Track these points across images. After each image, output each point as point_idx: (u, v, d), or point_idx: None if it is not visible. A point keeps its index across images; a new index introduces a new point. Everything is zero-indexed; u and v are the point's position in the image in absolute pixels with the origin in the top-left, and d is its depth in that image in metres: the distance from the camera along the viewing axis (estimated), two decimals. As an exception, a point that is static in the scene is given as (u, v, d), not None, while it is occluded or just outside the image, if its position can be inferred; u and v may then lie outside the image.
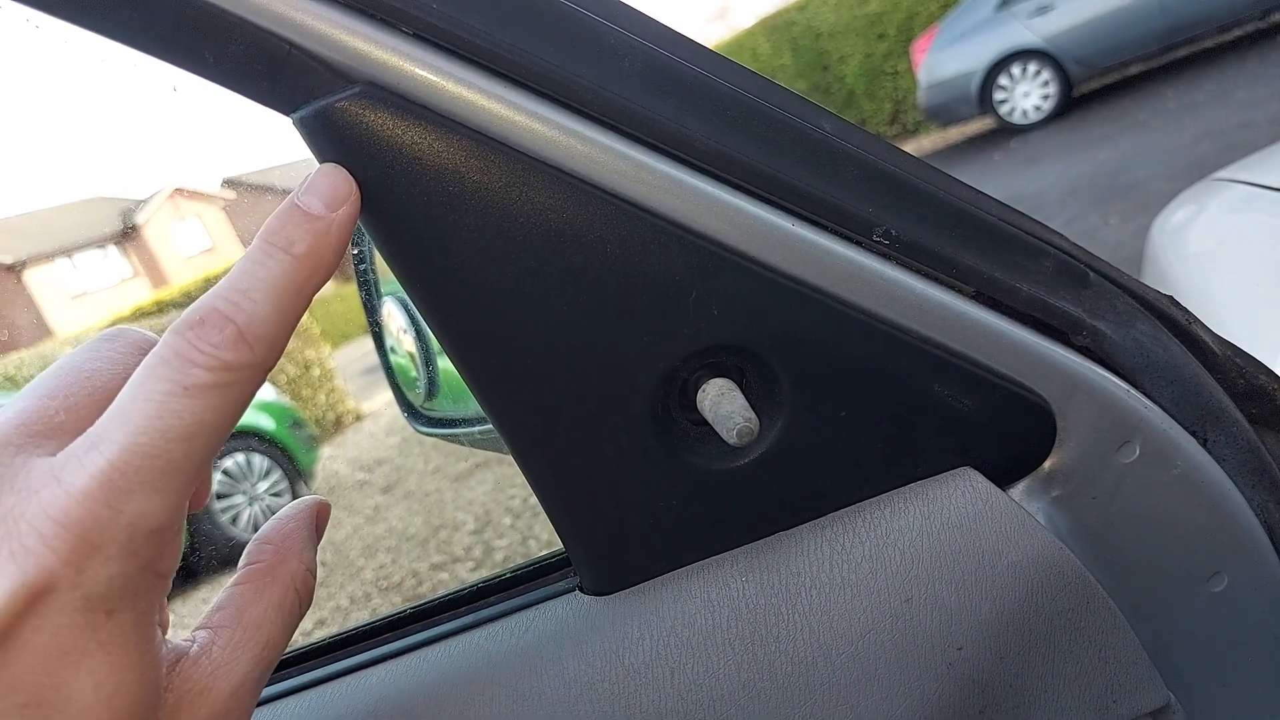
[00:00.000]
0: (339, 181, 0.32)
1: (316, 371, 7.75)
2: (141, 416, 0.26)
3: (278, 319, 0.29)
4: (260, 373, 0.29)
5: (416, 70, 0.34)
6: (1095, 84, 8.28)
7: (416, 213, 0.35)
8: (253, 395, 0.29)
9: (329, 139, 0.34)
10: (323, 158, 0.34)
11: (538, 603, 0.43)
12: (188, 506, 0.29)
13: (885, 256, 0.39)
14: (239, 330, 0.28)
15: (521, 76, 0.35)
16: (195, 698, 0.28)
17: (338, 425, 7.89)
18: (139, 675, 0.27)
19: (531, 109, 0.35)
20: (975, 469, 0.42)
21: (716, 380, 0.38)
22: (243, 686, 0.29)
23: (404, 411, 0.79)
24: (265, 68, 0.33)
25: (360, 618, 3.58)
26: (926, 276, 0.39)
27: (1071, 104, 8.00)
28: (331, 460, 6.71)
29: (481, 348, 0.37)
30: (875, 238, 0.38)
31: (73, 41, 0.34)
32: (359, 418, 8.09)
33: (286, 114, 0.34)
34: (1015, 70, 7.95)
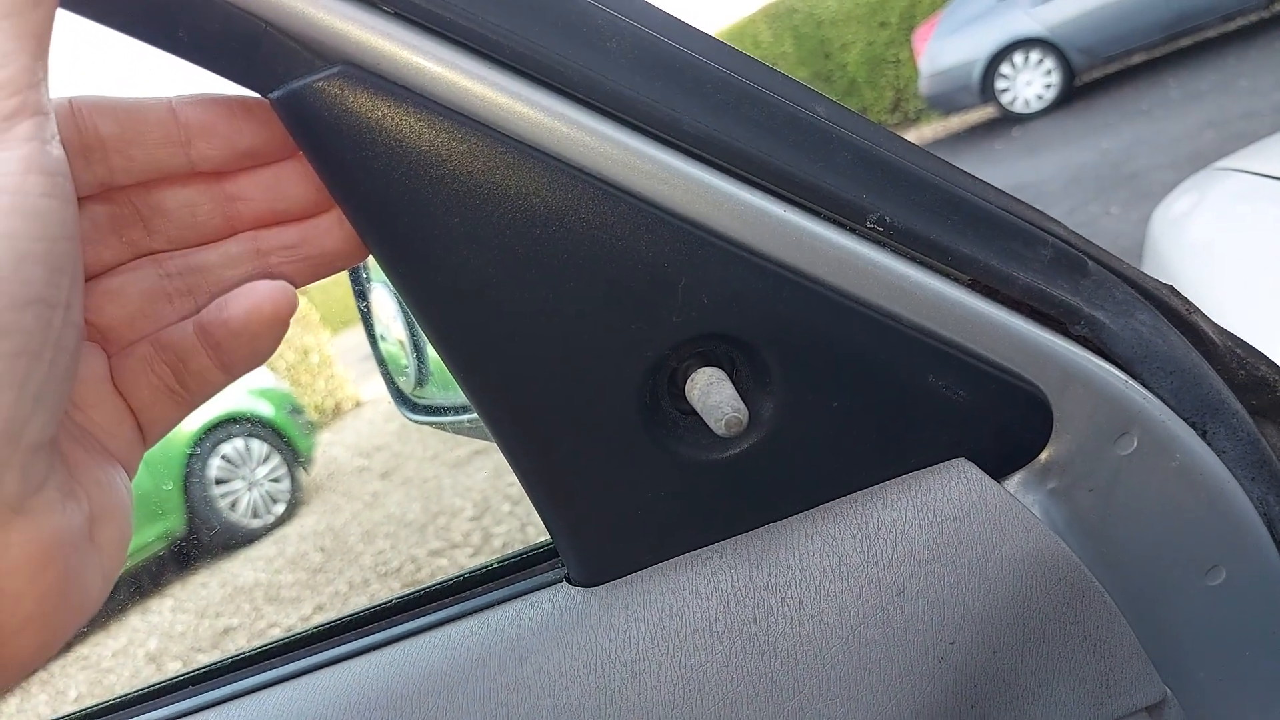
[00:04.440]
0: None
1: (315, 358, 7.73)
2: None
3: None
4: None
5: (396, 50, 0.33)
6: (1098, 73, 8.23)
7: (396, 197, 0.34)
8: None
9: (306, 120, 0.33)
10: (300, 139, 0.33)
11: (524, 594, 0.43)
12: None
13: (879, 244, 0.38)
14: None
15: (505, 57, 0.34)
16: None
17: (337, 411, 7.88)
18: None
19: (515, 91, 0.34)
20: (970, 460, 0.41)
21: (706, 369, 0.38)
22: None
23: (394, 399, 0.78)
24: (241, 47, 0.32)
25: (359, 603, 3.58)
26: (921, 264, 0.39)
27: (1074, 93, 7.95)
28: (330, 446, 6.71)
29: (465, 335, 0.36)
30: (869, 224, 0.38)
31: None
32: (358, 404, 8.08)
33: (263, 94, 0.33)
34: (1017, 59, 7.90)
